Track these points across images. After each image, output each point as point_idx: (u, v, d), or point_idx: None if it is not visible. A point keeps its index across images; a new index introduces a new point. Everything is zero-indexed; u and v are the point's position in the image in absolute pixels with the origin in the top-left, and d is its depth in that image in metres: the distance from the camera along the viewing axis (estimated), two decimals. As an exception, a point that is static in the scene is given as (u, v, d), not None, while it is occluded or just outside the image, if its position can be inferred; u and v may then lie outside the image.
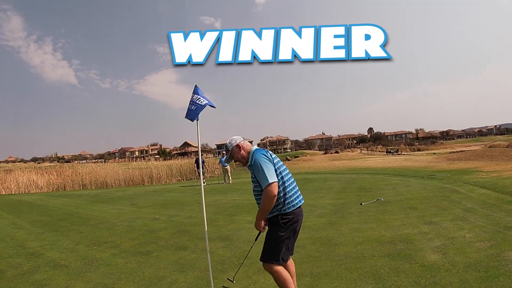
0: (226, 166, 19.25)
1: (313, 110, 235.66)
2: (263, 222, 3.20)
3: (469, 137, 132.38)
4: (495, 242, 4.93)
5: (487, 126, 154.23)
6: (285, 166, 3.30)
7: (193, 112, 4.08)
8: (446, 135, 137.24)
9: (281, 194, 3.10)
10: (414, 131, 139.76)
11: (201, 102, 4.06)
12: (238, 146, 3.33)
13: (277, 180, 3.04)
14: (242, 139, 3.40)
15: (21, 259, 6.17)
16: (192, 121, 4.14)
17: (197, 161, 20.11)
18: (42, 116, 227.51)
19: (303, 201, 3.28)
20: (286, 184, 3.14)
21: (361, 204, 8.57)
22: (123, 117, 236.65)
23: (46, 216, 11.30)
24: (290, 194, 3.14)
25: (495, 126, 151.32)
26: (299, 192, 3.29)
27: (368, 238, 5.60)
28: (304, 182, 15.60)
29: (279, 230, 3.13)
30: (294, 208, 3.14)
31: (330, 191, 11.69)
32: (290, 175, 3.29)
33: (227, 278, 4.28)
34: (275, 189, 2.99)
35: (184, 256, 5.57)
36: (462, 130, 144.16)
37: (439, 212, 7.13)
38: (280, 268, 3.16)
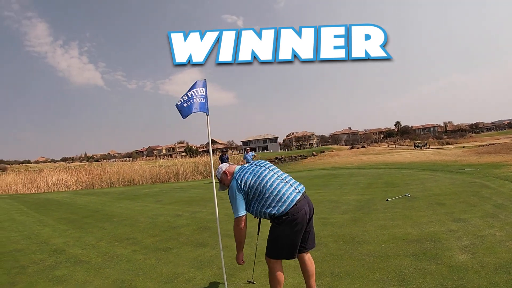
0: (250, 162, 19.09)
1: (339, 105, 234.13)
2: (241, 254, 3.43)
3: (499, 130, 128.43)
4: (528, 241, 4.63)
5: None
6: (270, 169, 3.37)
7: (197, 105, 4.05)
8: (475, 128, 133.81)
9: (269, 201, 3.15)
10: (442, 124, 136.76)
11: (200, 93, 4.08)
12: (224, 173, 3.49)
13: (244, 214, 3.21)
14: (228, 165, 3.58)
15: (44, 255, 6.27)
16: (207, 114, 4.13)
17: (221, 158, 20.08)
18: (71, 118, 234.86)
19: (298, 196, 3.18)
20: (271, 189, 3.16)
21: (387, 200, 8.31)
22: (150, 116, 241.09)
23: (72, 213, 11.45)
24: (277, 199, 3.14)
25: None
26: (292, 189, 3.23)
27: (394, 236, 5.36)
28: (329, 178, 15.40)
29: (275, 229, 3.18)
30: (288, 208, 3.10)
31: (356, 187, 11.43)
32: (278, 175, 3.32)
33: (248, 281, 4.18)
34: (241, 223, 3.21)
35: (203, 253, 5.53)
36: (492, 123, 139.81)
37: (468, 208, 6.80)
38: (277, 266, 3.21)
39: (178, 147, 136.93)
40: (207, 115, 4.22)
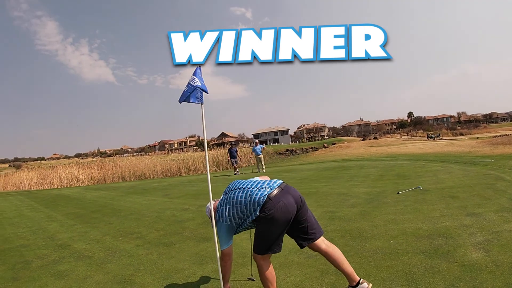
0: (259, 154, 19.00)
1: (350, 96, 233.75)
2: (227, 286, 3.63)
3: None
4: (546, 237, 4.35)
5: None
6: (242, 187, 3.39)
7: (184, 93, 3.88)
8: (490, 118, 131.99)
9: (246, 212, 3.20)
10: (456, 115, 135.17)
11: (194, 82, 3.88)
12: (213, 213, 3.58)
13: (225, 247, 3.42)
14: (213, 202, 3.69)
15: (49, 250, 6.33)
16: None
17: (230, 151, 19.99)
18: (84, 114, 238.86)
19: (269, 191, 3.18)
20: (244, 204, 3.21)
21: (398, 192, 8.05)
22: (162, 110, 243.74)
23: (81, 208, 11.56)
24: (251, 207, 3.15)
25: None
26: (258, 190, 3.25)
27: (403, 231, 5.11)
28: (339, 170, 15.16)
29: (258, 226, 3.18)
30: (260, 207, 3.11)
31: (366, 179, 11.17)
32: (247, 187, 3.34)
33: (248, 278, 4.09)
34: (224, 257, 3.47)
35: (206, 248, 5.45)
36: (506, 113, 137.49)
37: (483, 202, 6.49)
38: (265, 263, 3.18)
39: (189, 141, 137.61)
40: (201, 105, 4.09)
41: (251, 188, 3.27)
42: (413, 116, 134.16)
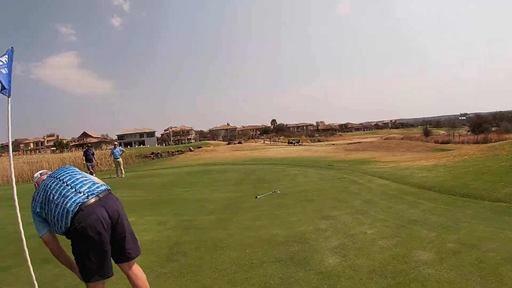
0: (118, 158, 17.74)
1: (219, 101, 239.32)
2: (74, 269, 2.85)
3: (367, 130, 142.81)
4: (400, 238, 4.47)
5: (383, 120, 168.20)
6: (60, 178, 2.82)
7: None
8: (345, 128, 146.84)
9: (56, 216, 2.62)
10: (315, 124, 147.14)
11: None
12: (35, 185, 3.04)
13: (44, 232, 2.76)
14: (39, 175, 3.10)
15: None
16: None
17: (86, 153, 18.32)
18: None
19: (84, 200, 2.64)
20: (54, 203, 2.64)
21: (256, 197, 7.96)
22: (18, 104, 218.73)
23: None
24: (61, 211, 2.59)
25: (391, 120, 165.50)
26: (74, 193, 2.68)
27: (259, 239, 4.88)
28: (202, 174, 14.86)
29: (72, 247, 2.64)
30: (71, 217, 2.57)
31: (227, 184, 11.02)
32: (68, 183, 2.76)
33: None
34: (46, 244, 2.82)
35: (45, 272, 4.53)
36: (360, 124, 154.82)
37: (337, 204, 6.67)
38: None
39: (47, 141, 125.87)
40: (8, 97, 3.32)
41: (68, 187, 2.70)
42: (276, 123, 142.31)
